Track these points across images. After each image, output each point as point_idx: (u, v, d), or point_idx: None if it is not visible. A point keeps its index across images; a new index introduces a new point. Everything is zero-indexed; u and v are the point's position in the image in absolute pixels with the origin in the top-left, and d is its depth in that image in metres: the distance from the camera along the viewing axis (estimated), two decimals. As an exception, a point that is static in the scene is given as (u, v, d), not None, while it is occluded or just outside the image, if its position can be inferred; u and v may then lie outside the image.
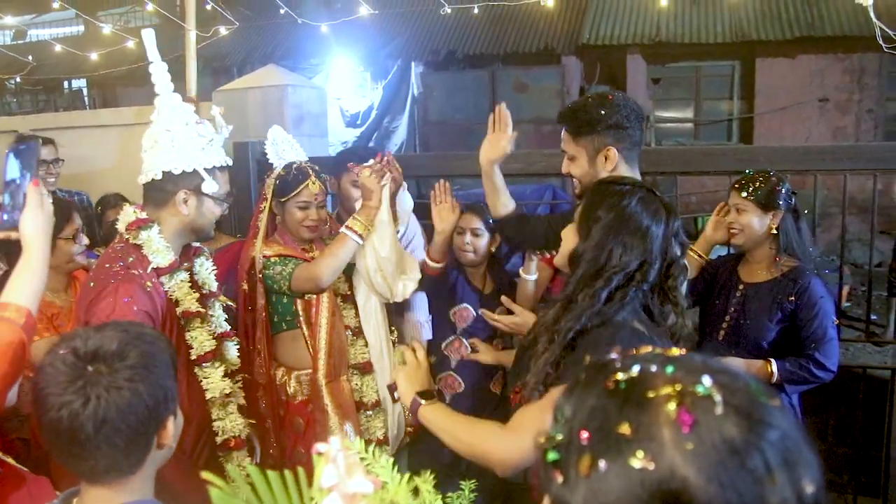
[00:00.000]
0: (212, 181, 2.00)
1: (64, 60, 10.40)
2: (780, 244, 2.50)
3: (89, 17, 9.82)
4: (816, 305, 2.42)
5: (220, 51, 10.75)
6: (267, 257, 2.50)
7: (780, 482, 0.60)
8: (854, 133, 9.71)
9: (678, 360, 0.68)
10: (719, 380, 0.65)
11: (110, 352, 1.17)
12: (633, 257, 1.55)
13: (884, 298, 6.97)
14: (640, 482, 0.61)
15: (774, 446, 0.62)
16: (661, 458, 0.61)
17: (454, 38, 10.90)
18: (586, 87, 10.88)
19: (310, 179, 2.51)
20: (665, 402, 0.63)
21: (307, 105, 4.22)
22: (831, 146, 3.55)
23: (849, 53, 9.45)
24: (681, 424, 0.61)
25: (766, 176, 2.52)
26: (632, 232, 1.56)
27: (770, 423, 0.63)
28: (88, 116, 5.85)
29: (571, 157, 2.09)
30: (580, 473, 0.63)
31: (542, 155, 3.27)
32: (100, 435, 1.13)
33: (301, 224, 2.53)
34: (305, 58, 11.07)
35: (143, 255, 1.98)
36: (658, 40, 9.83)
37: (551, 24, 10.25)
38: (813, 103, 9.76)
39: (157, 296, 1.96)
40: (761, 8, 9.49)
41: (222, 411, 2.08)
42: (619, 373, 0.68)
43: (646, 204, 1.59)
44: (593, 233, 1.59)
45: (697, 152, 3.97)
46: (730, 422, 0.62)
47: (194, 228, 2.08)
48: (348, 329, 2.63)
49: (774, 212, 2.49)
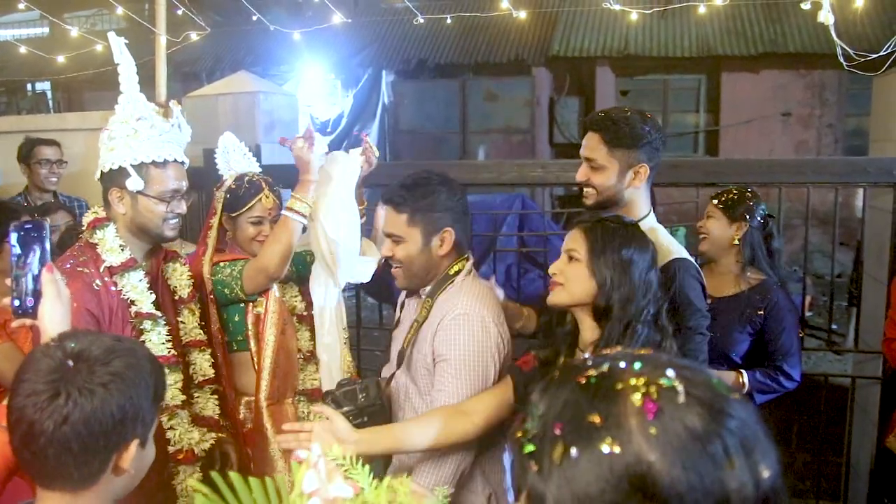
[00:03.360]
0: (137, 178, 1.90)
1: (28, 62, 10.22)
2: (745, 258, 2.56)
3: (55, 19, 9.65)
4: (784, 320, 2.50)
5: (189, 56, 10.65)
6: (216, 263, 2.34)
7: (738, 466, 0.65)
8: (816, 147, 9.96)
9: (645, 358, 0.73)
10: (683, 374, 0.70)
11: (94, 355, 1.16)
12: (650, 297, 1.63)
13: (844, 308, 7.13)
14: (609, 467, 0.65)
15: (734, 434, 0.66)
16: (628, 444, 0.65)
17: (426, 47, 10.95)
18: (556, 98, 11.00)
19: (263, 193, 2.35)
20: (632, 393, 0.68)
21: (278, 112, 4.21)
22: (795, 160, 3.64)
23: (810, 70, 9.70)
24: (646, 412, 0.66)
25: (741, 191, 2.60)
26: (643, 273, 1.63)
27: (730, 413, 0.67)
28: (54, 120, 5.74)
29: (598, 167, 2.00)
30: (554, 462, 0.67)
31: (513, 165, 3.30)
32: (57, 433, 1.11)
33: (254, 240, 2.37)
34: (276, 64, 11.03)
35: (98, 253, 1.95)
36: (627, 53, 9.98)
37: (522, 36, 10.35)
38: (776, 117, 10.00)
39: (106, 295, 1.92)
40: (727, 24, 9.71)
41: (172, 420, 1.99)
42: (591, 369, 0.72)
43: (642, 245, 1.66)
44: (619, 277, 1.63)
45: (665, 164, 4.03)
46: (692, 411, 0.66)
47: (140, 228, 1.98)
48: (300, 352, 2.47)
49: (739, 223, 2.55)
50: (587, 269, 1.67)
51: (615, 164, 1.98)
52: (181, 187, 2.00)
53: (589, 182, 2.02)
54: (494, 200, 7.18)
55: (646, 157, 1.98)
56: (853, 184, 3.17)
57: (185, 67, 11.21)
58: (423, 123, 11.36)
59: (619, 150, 1.97)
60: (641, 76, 10.78)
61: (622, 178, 1.98)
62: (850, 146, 9.83)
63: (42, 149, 3.78)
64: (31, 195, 3.85)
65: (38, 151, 3.77)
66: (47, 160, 3.77)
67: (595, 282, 1.65)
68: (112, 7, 7.03)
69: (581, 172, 2.05)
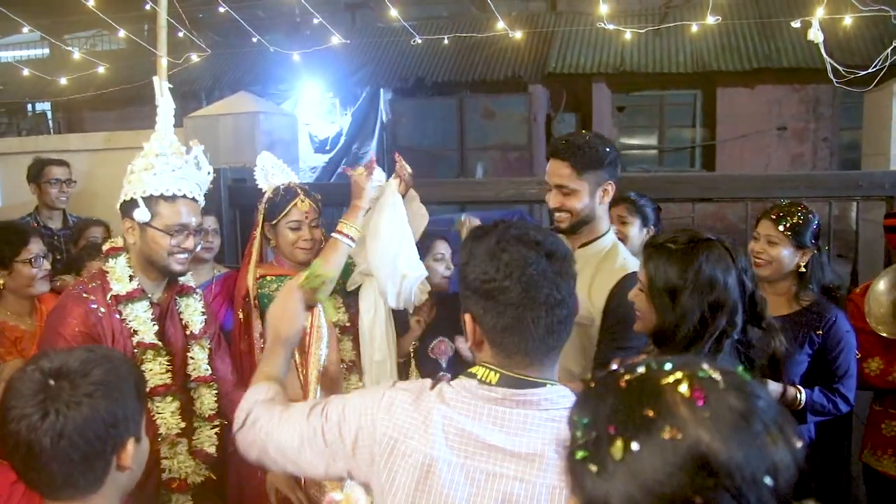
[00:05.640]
0: (144, 209, 1.95)
1: (28, 83, 10.27)
2: (806, 280, 2.44)
3: (55, 41, 9.72)
4: (843, 340, 2.39)
5: (188, 76, 10.71)
6: (262, 276, 2.43)
7: (778, 441, 0.73)
8: (811, 160, 10.01)
9: (671, 359, 0.80)
10: (713, 365, 0.78)
11: (73, 369, 1.20)
12: (721, 316, 1.59)
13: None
14: (672, 452, 0.71)
15: (766, 412, 0.74)
16: (686, 429, 0.72)
17: (423, 65, 11.01)
18: (553, 115, 11.06)
19: (298, 198, 2.45)
20: (677, 386, 0.75)
21: (278, 132, 4.25)
22: (790, 175, 3.68)
23: (804, 84, 9.77)
24: (695, 399, 0.73)
25: (805, 213, 2.44)
26: (713, 293, 1.59)
27: (758, 395, 0.76)
28: (56, 141, 5.79)
29: (570, 192, 2.12)
30: (615, 459, 0.73)
31: (510, 183, 3.36)
32: (56, 448, 1.15)
33: (294, 246, 2.44)
34: (274, 83, 11.08)
35: (107, 280, 2.00)
36: (622, 70, 10.05)
37: (518, 54, 10.42)
38: (772, 131, 10.05)
39: (108, 322, 1.96)
40: (721, 40, 9.78)
41: (171, 450, 2.03)
42: (626, 374, 0.80)
43: (714, 259, 1.61)
44: (676, 306, 1.61)
45: (662, 179, 4.08)
46: (731, 395, 0.74)
47: (147, 260, 2.03)
48: (343, 362, 2.54)
49: (805, 250, 2.43)
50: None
51: (585, 187, 2.12)
52: (190, 223, 2.03)
53: (562, 207, 2.14)
54: (493, 217, 7.21)
55: (609, 175, 2.13)
56: (847, 197, 3.21)
57: (185, 87, 11.28)
58: (420, 141, 11.40)
59: (587, 173, 2.11)
60: (637, 92, 10.84)
61: (593, 198, 2.13)
62: (845, 159, 9.88)
63: (52, 168, 3.86)
64: (41, 214, 3.91)
65: (49, 171, 3.85)
66: (57, 179, 3.86)
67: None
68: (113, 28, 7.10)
69: (554, 199, 2.16)
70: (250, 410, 1.48)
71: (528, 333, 1.19)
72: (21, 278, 2.52)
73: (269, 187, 2.55)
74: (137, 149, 2.06)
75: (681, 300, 1.60)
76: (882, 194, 2.96)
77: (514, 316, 1.19)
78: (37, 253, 2.55)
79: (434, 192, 3.35)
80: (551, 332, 1.20)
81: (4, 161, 4.94)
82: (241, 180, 3.78)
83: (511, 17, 9.68)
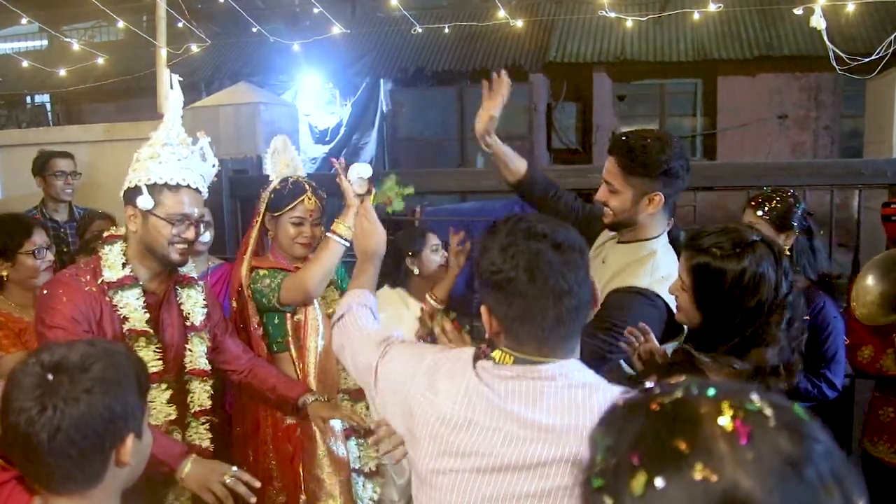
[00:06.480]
0: (148, 197, 1.95)
1: (27, 75, 10.26)
2: (798, 266, 2.44)
3: (54, 32, 9.69)
4: (830, 325, 2.40)
5: (188, 67, 10.69)
6: (255, 268, 2.43)
7: (835, 495, 0.61)
8: (812, 148, 10.00)
9: (714, 384, 0.69)
10: (766, 397, 0.66)
11: (73, 364, 1.20)
12: (768, 317, 1.59)
13: (844, 309, 7.13)
14: (703, 495, 0.60)
15: (824, 460, 0.62)
16: (722, 469, 0.60)
17: (423, 55, 10.98)
18: (554, 104, 11.04)
19: (306, 195, 2.43)
20: (717, 417, 0.64)
21: (279, 122, 4.25)
22: (791, 163, 3.67)
23: (805, 73, 9.74)
24: (738, 436, 0.62)
25: (783, 195, 2.48)
26: (759, 293, 1.58)
27: (816, 438, 0.64)
28: (56, 132, 5.78)
29: (615, 191, 2.01)
30: (634, 495, 0.63)
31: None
32: (53, 443, 1.16)
33: (294, 241, 2.44)
34: (274, 74, 11.06)
35: (101, 267, 2.02)
36: (623, 59, 10.02)
37: (519, 43, 10.38)
38: (773, 120, 10.03)
39: (97, 306, 1.98)
40: (722, 28, 9.75)
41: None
42: (661, 397, 0.69)
43: (758, 260, 1.59)
44: (721, 309, 1.61)
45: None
46: (782, 436, 0.62)
47: (147, 248, 2.03)
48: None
49: (788, 232, 2.45)
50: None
51: (629, 190, 1.99)
52: (192, 213, 2.03)
53: (606, 202, 2.04)
54: (494, 206, 7.21)
55: (661, 186, 1.96)
56: (848, 185, 3.21)
57: (184, 78, 11.24)
58: (421, 131, 11.38)
59: (634, 177, 1.97)
60: (638, 81, 10.81)
61: (636, 204, 1.99)
62: (846, 147, 9.86)
63: (57, 161, 3.86)
64: (47, 207, 3.91)
65: (54, 164, 3.85)
66: (62, 172, 3.87)
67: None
68: (112, 19, 7.07)
69: (600, 193, 2.07)
70: (347, 310, 1.70)
71: (538, 323, 1.23)
72: (25, 270, 2.52)
73: (276, 176, 2.53)
74: (137, 139, 2.06)
75: (726, 304, 1.60)
76: (884, 182, 2.96)
77: (523, 306, 1.22)
78: (40, 244, 2.56)
79: (435, 182, 3.35)
80: (561, 321, 1.23)
81: (4, 153, 4.93)
82: (242, 171, 3.78)
83: (511, 6, 9.64)
